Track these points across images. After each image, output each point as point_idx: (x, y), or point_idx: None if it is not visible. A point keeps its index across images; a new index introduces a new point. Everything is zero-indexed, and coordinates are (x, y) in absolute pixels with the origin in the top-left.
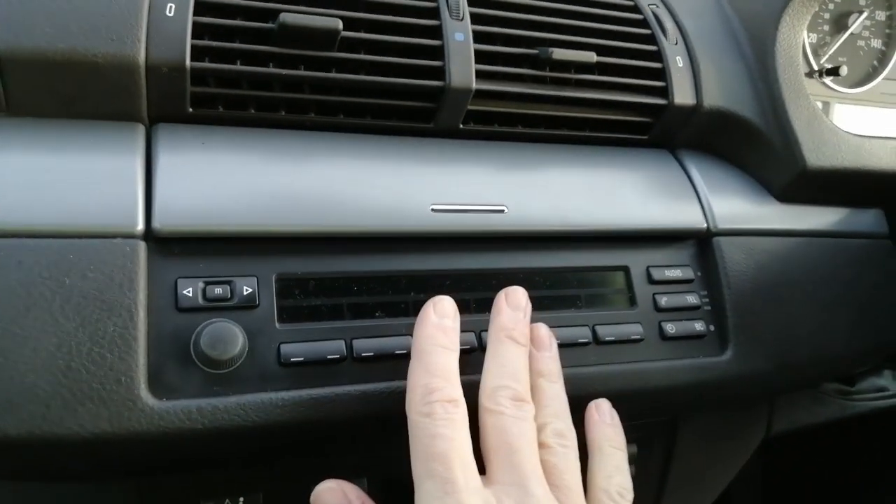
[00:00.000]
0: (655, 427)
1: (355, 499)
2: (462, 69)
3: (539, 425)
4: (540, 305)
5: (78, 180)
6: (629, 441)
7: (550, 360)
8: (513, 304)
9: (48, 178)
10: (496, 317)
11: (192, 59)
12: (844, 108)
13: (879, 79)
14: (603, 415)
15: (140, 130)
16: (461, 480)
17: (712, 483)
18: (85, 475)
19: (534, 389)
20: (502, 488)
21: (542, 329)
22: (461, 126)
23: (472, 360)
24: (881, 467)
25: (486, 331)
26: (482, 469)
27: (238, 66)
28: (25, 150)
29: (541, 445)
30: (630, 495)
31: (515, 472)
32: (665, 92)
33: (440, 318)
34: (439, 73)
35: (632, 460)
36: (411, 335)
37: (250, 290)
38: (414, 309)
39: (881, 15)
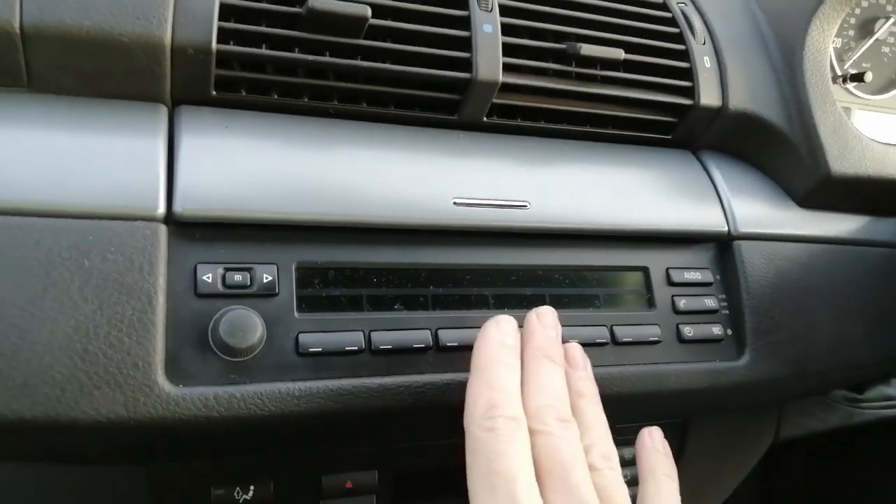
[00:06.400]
0: (666, 429)
1: None
2: (489, 62)
3: (585, 447)
4: (558, 304)
5: (99, 160)
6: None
7: (587, 380)
8: (545, 323)
9: (69, 157)
10: (531, 338)
11: (218, 41)
12: (865, 115)
13: None
14: (656, 442)
15: (163, 112)
16: (525, 500)
17: (719, 486)
18: (97, 459)
19: (574, 410)
20: None
21: (576, 348)
22: (484, 119)
23: None
24: (885, 477)
25: None
26: None
27: (264, 51)
28: (46, 128)
29: (589, 467)
30: None
31: (573, 493)
32: (691, 92)
33: (502, 336)
34: (466, 64)
35: None
36: (430, 329)
37: (270, 277)
38: (433, 303)
39: None
